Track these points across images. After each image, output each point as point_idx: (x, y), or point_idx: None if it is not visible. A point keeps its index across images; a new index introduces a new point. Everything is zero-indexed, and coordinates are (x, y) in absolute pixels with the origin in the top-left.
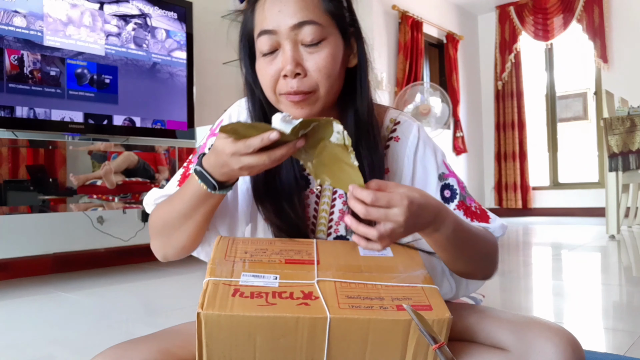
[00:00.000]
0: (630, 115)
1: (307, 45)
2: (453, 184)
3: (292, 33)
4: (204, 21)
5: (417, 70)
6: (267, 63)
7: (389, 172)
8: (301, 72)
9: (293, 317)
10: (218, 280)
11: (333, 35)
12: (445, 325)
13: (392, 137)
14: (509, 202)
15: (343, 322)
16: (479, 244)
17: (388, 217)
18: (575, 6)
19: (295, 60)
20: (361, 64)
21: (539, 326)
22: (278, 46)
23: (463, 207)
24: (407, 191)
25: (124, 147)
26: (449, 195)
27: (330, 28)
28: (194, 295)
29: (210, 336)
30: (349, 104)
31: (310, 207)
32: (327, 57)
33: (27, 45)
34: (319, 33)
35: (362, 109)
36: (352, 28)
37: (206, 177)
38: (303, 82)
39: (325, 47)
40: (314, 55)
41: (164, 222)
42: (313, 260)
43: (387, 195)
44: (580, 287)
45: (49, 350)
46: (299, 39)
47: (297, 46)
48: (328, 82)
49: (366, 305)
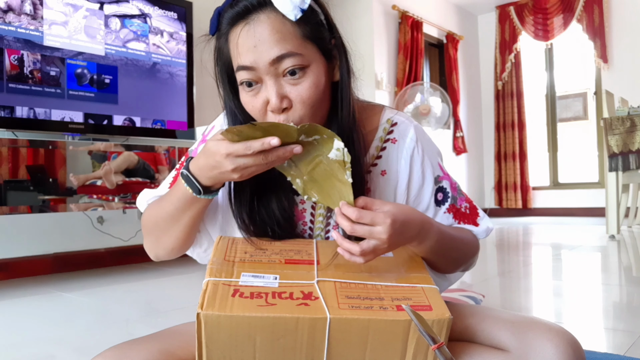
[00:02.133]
0: (630, 115)
1: (288, 77)
2: (446, 187)
3: (271, 68)
4: (204, 21)
5: (417, 70)
6: (251, 97)
7: (386, 174)
8: (287, 105)
9: (293, 318)
10: (218, 281)
11: (315, 61)
12: (445, 325)
13: (389, 139)
14: (509, 202)
15: (343, 322)
16: (461, 249)
17: (372, 234)
18: (575, 6)
19: (279, 95)
20: (342, 78)
21: (539, 326)
22: (259, 80)
23: (453, 210)
24: (392, 209)
25: (124, 147)
26: (441, 198)
27: (310, 54)
28: (194, 295)
29: (210, 336)
30: (332, 116)
31: (306, 211)
32: (310, 88)
33: (27, 45)
34: (300, 62)
35: (344, 121)
36: (332, 41)
37: (192, 181)
38: (289, 115)
39: (308, 77)
40: (297, 87)
41: (154, 224)
42: (313, 261)
43: (371, 214)
44: (580, 287)
45: (49, 350)
46: (280, 72)
47: (279, 79)
48: (312, 110)
49: (366, 305)
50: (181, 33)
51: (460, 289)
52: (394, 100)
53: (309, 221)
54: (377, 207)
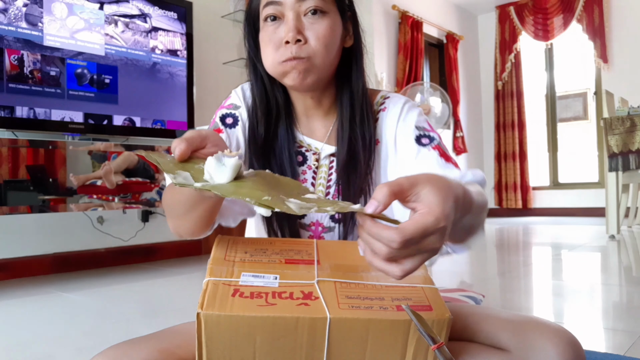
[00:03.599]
0: (630, 115)
1: (309, 16)
2: (434, 136)
3: (296, 5)
4: (204, 21)
5: (417, 70)
6: (270, 31)
7: (379, 143)
8: (302, 39)
9: (293, 318)
10: (218, 281)
11: (332, 12)
12: (445, 325)
13: (380, 110)
14: (509, 202)
15: (343, 322)
16: (479, 214)
17: (421, 249)
18: (575, 6)
19: (297, 28)
20: (357, 45)
21: (539, 326)
22: (282, 16)
23: (439, 149)
24: (441, 202)
25: (124, 147)
26: (427, 142)
27: (330, 5)
28: (194, 295)
29: (210, 336)
30: (344, 83)
31: (307, 182)
32: (326, 28)
33: (27, 45)
34: (320, 6)
35: (356, 87)
36: (349, 12)
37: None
38: (302, 49)
39: (325, 19)
40: (315, 25)
41: (170, 207)
42: (313, 260)
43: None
44: (580, 287)
45: (49, 350)
46: (302, 10)
47: (299, 16)
48: (325, 51)
49: (366, 305)
50: (181, 33)
51: (460, 289)
52: None
53: (311, 177)
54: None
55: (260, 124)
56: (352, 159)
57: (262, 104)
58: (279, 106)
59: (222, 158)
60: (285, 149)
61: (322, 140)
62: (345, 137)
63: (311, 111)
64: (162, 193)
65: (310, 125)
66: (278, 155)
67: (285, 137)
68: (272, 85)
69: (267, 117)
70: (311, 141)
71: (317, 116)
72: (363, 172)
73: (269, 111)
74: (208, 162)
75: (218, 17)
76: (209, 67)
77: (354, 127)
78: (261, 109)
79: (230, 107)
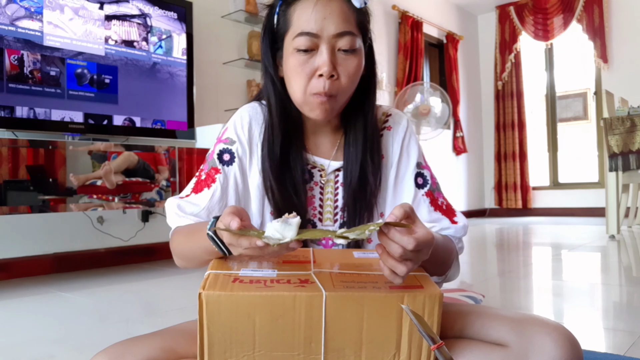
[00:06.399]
0: (630, 115)
1: (342, 52)
2: (427, 175)
3: (333, 40)
4: (204, 21)
5: (417, 70)
6: (302, 61)
7: (383, 158)
8: (335, 75)
9: (290, 295)
10: (219, 272)
11: (361, 47)
12: (437, 301)
13: (385, 127)
14: (509, 202)
15: (338, 298)
16: (443, 258)
17: (418, 257)
18: (575, 6)
19: (332, 63)
20: (373, 74)
21: (538, 323)
22: (316, 48)
23: (430, 196)
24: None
25: (124, 147)
26: (421, 182)
27: (359, 39)
28: (194, 296)
29: (211, 318)
30: (357, 109)
31: (315, 197)
32: (356, 66)
33: (27, 45)
34: (354, 43)
35: (371, 114)
36: (369, 42)
37: (218, 243)
38: (334, 85)
39: (356, 57)
40: (347, 62)
41: (182, 254)
42: (310, 261)
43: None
44: (580, 287)
45: (49, 350)
46: (337, 46)
47: (334, 51)
48: (351, 88)
49: (360, 286)
50: (181, 33)
51: (460, 289)
52: (394, 100)
53: (318, 206)
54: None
55: (276, 143)
56: (362, 177)
57: (282, 123)
58: (295, 125)
59: (287, 220)
60: (298, 168)
61: (327, 156)
62: (358, 157)
63: (319, 129)
64: (162, 193)
65: (316, 141)
66: (293, 173)
67: (297, 155)
68: (290, 105)
69: (284, 136)
70: (317, 158)
71: (324, 133)
72: (372, 189)
73: (287, 130)
74: (274, 225)
75: (218, 17)
76: (209, 67)
77: (365, 148)
78: (280, 127)
79: (227, 141)
